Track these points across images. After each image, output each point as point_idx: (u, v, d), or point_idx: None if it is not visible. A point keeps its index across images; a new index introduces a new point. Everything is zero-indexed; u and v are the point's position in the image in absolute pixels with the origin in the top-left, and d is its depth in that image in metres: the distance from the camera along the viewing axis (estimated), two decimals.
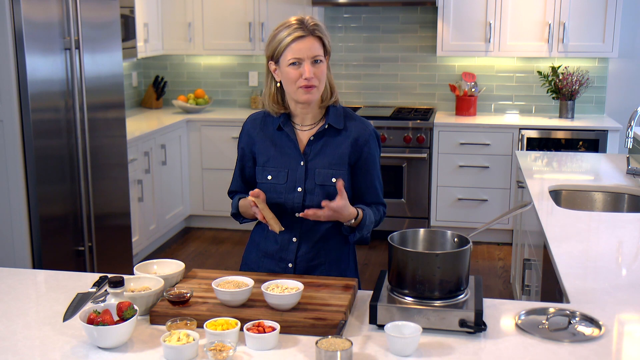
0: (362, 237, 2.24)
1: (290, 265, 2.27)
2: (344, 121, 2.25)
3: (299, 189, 2.21)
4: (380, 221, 2.33)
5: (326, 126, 2.22)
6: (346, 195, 2.11)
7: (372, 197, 2.30)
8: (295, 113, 2.24)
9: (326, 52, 2.18)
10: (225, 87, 6.33)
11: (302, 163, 2.22)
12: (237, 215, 2.33)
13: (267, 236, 2.30)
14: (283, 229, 2.15)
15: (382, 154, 5.69)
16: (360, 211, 2.19)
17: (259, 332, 1.72)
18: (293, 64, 2.12)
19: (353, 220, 2.17)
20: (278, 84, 2.21)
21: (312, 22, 2.14)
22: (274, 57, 2.16)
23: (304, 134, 2.24)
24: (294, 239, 2.26)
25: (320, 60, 2.14)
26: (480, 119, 5.61)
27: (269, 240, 2.29)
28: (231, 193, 2.39)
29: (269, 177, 2.23)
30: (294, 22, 2.13)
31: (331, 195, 2.18)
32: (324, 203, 2.10)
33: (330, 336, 1.65)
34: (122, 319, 1.74)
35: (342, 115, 2.26)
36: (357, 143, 2.23)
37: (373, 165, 2.28)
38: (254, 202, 2.13)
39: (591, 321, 1.84)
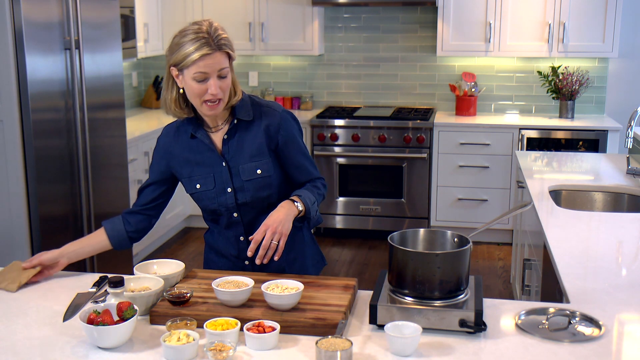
0: (313, 220, 2.21)
1: (246, 262, 2.28)
2: (252, 111, 2.21)
3: (229, 190, 2.20)
4: (325, 194, 2.29)
5: (235, 121, 2.19)
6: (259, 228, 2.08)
7: (304, 176, 2.27)
8: (201, 117, 2.20)
9: (230, 60, 2.10)
10: None
11: (223, 164, 2.20)
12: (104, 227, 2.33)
13: (218, 238, 2.30)
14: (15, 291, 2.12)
15: (382, 154, 5.75)
16: (297, 198, 2.15)
17: (259, 332, 1.72)
18: (199, 80, 2.05)
19: (299, 206, 2.13)
20: (181, 90, 2.13)
21: (220, 34, 2.05)
22: (178, 65, 2.08)
23: (217, 135, 2.22)
24: (241, 238, 2.26)
25: (226, 74, 2.08)
26: (480, 119, 5.61)
27: (220, 242, 2.30)
28: (140, 189, 2.35)
29: (198, 186, 2.22)
30: (202, 34, 2.03)
31: (261, 187, 2.18)
32: (251, 238, 2.07)
33: (330, 336, 1.65)
34: (122, 319, 1.74)
35: (249, 105, 2.22)
36: (269, 130, 2.20)
37: (294, 145, 2.23)
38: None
39: (591, 321, 1.84)
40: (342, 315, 1.83)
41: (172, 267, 2.13)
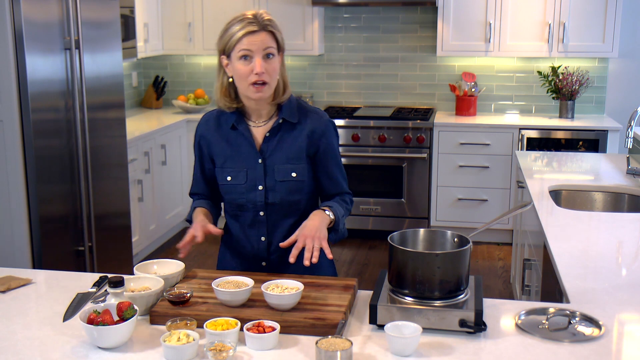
0: (339, 234, 2.21)
1: (263, 263, 2.27)
2: (298, 114, 2.21)
3: (260, 187, 2.19)
4: (351, 210, 2.31)
5: (280, 121, 2.19)
6: (296, 232, 2.09)
7: (335, 188, 2.27)
8: (248, 109, 2.20)
9: (280, 48, 2.14)
10: None
11: (260, 161, 2.19)
12: (191, 222, 2.28)
13: (238, 238, 2.28)
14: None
15: (382, 154, 5.75)
16: (328, 209, 2.15)
17: (259, 332, 1.72)
18: (244, 57, 2.07)
19: (331, 215, 2.14)
20: (230, 79, 2.15)
21: (266, 16, 2.11)
22: (226, 51, 2.11)
23: (259, 131, 2.21)
24: (263, 238, 2.24)
25: (273, 55, 2.10)
26: (480, 119, 5.61)
27: (239, 241, 2.28)
28: (193, 195, 2.36)
29: (229, 179, 2.21)
30: (248, 16, 2.09)
31: (293, 191, 2.18)
32: (283, 245, 2.10)
33: (330, 336, 1.65)
34: (122, 319, 1.74)
35: (296, 107, 2.22)
36: (313, 135, 2.20)
37: (332, 155, 2.25)
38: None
39: (591, 321, 1.84)
40: (342, 315, 1.83)
41: (172, 267, 2.13)
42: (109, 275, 2.00)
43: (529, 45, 5.50)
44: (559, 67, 5.65)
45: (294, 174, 2.18)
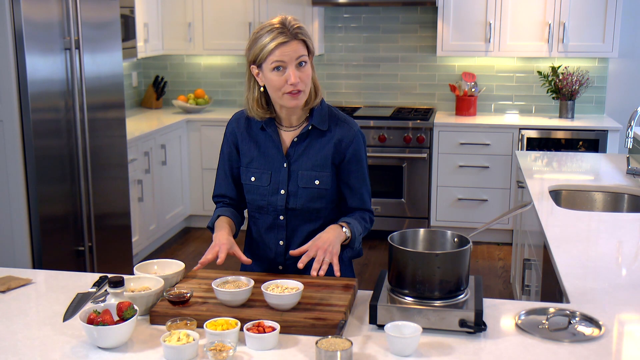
0: (354, 252, 2.20)
1: (280, 267, 2.26)
2: (329, 122, 2.19)
3: (282, 192, 2.18)
4: (369, 229, 2.26)
5: (310, 127, 2.17)
6: (309, 242, 2.07)
7: (356, 201, 2.23)
8: (279, 116, 2.19)
9: (310, 53, 2.11)
10: (225, 87, 6.33)
11: (285, 165, 2.18)
12: (213, 229, 2.27)
13: (257, 241, 2.28)
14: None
15: (382, 154, 5.75)
16: (346, 226, 2.13)
17: (259, 332, 1.72)
18: (277, 68, 2.04)
19: (347, 232, 2.12)
20: (262, 88, 2.13)
21: (295, 24, 2.08)
22: (257, 62, 2.08)
23: (288, 135, 2.20)
24: (281, 242, 2.23)
25: (305, 62, 2.07)
26: (480, 119, 5.61)
27: (258, 244, 2.28)
28: (217, 197, 2.33)
29: (252, 179, 2.20)
30: (277, 25, 2.06)
31: (315, 198, 2.16)
32: (296, 253, 2.08)
33: (330, 336, 1.65)
34: (122, 319, 1.74)
35: (327, 115, 2.20)
36: (340, 144, 2.18)
37: (358, 166, 2.21)
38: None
39: (591, 321, 1.84)
40: (342, 315, 1.83)
41: (172, 267, 2.13)
42: (109, 275, 2.00)
43: (528, 45, 5.50)
44: (559, 67, 5.66)
45: (317, 182, 2.16)
